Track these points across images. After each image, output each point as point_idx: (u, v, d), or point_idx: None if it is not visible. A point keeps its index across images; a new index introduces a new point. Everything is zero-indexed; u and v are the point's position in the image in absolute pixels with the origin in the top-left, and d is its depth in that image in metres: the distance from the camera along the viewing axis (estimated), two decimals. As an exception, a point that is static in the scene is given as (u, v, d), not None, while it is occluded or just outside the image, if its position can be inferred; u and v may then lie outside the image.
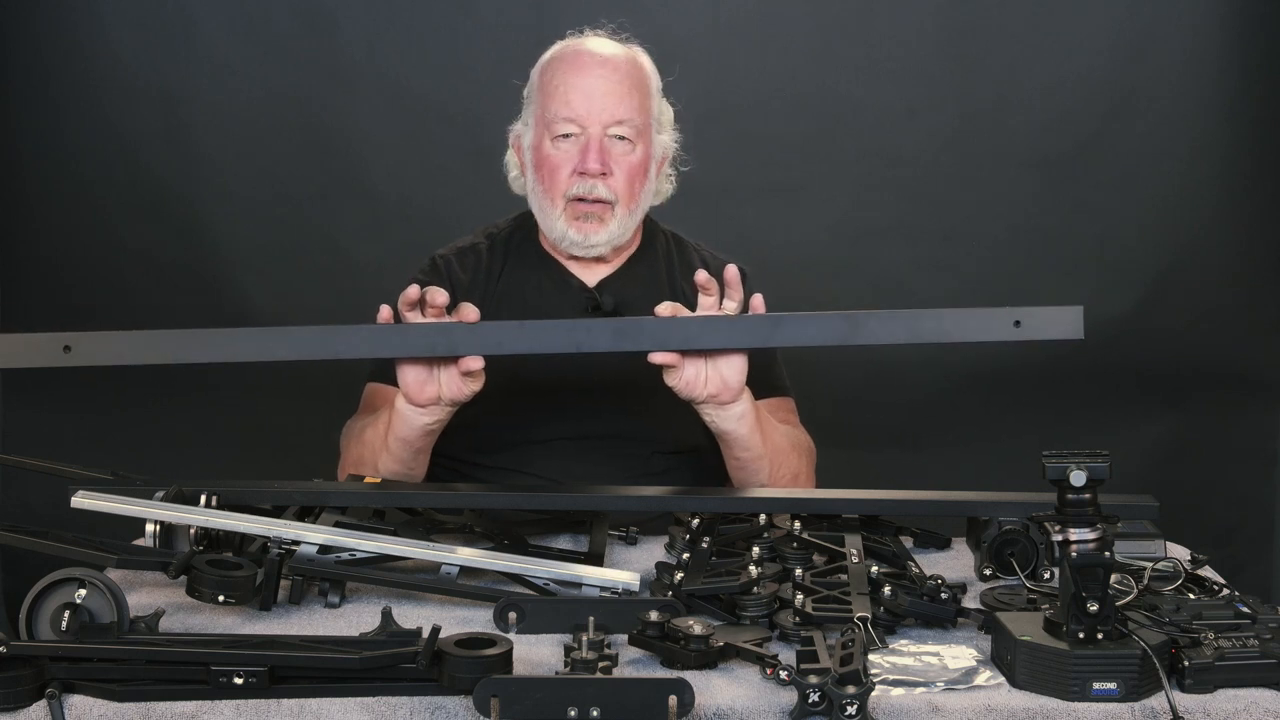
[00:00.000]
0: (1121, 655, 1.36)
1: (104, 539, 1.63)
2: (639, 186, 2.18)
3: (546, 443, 2.16)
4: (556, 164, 2.15)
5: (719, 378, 1.87)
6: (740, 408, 1.93)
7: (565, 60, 2.18)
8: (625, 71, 2.16)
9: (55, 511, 1.82)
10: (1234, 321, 3.41)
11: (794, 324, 1.83)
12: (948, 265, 3.41)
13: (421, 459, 2.01)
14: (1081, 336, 1.80)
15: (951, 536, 1.95)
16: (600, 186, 2.14)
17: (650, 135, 2.20)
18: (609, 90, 2.14)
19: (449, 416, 1.93)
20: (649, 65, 2.22)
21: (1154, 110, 3.36)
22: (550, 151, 2.15)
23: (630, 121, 2.15)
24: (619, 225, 2.18)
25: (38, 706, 1.33)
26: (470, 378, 1.84)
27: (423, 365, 1.84)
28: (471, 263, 2.26)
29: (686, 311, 1.86)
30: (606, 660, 1.37)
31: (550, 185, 2.16)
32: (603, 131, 2.13)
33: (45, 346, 1.80)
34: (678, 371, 1.86)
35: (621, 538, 1.95)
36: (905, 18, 3.36)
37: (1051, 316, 1.81)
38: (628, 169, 2.16)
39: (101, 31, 3.29)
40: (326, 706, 1.34)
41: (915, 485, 1.91)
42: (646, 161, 2.19)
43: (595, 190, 2.14)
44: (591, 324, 1.86)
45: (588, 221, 2.16)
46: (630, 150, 2.16)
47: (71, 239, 3.34)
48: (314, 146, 3.35)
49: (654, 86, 2.22)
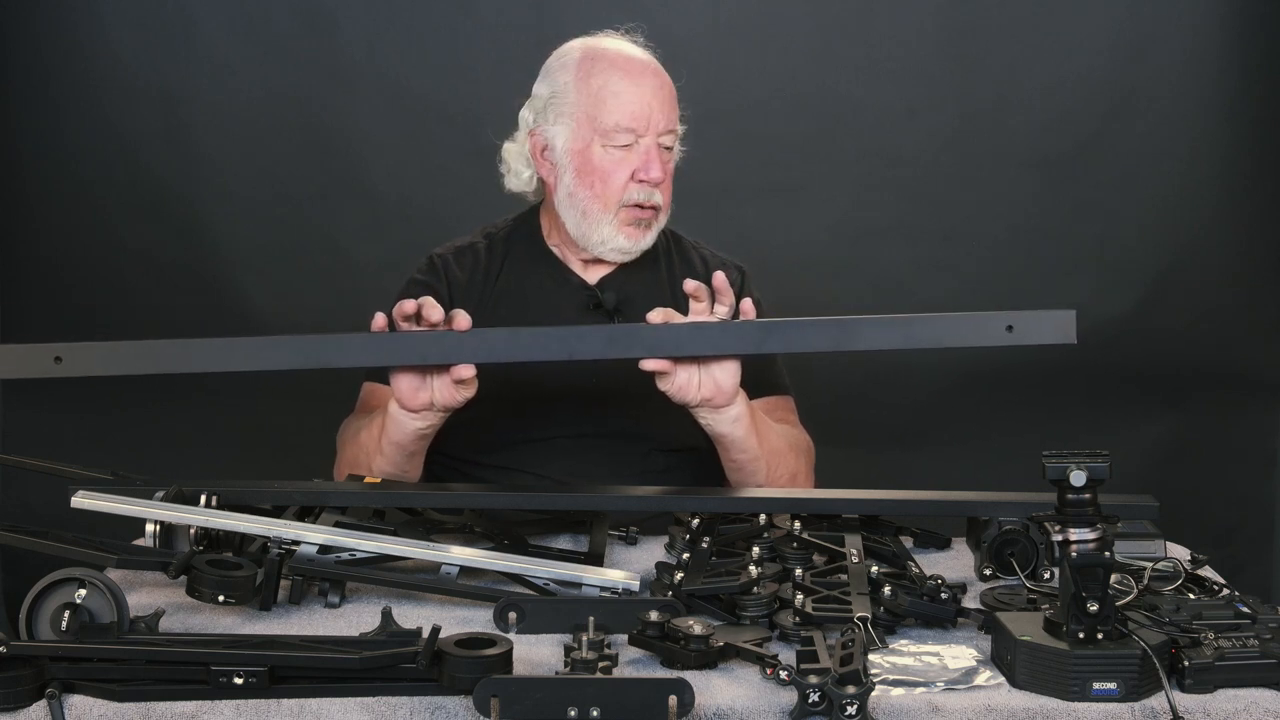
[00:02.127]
0: (1121, 655, 1.36)
1: (104, 539, 1.63)
2: (671, 190, 2.22)
3: (546, 442, 2.16)
4: (610, 170, 2.15)
5: (712, 382, 1.88)
6: (735, 411, 1.94)
7: (612, 64, 2.17)
8: (665, 78, 2.20)
9: (55, 511, 1.82)
10: (1234, 321, 3.41)
11: (786, 330, 1.83)
12: (948, 265, 3.41)
13: (415, 461, 2.01)
14: (1074, 341, 1.80)
15: (951, 536, 1.95)
16: (657, 194, 2.17)
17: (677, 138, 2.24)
18: (661, 97, 2.16)
19: (441, 421, 1.93)
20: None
21: (1154, 110, 3.36)
22: (601, 158, 2.15)
23: (674, 130, 2.19)
24: (657, 229, 2.21)
25: (38, 706, 1.33)
26: (463, 385, 1.84)
27: (415, 372, 1.84)
28: (469, 262, 2.26)
29: (679, 317, 1.86)
30: (606, 660, 1.37)
31: (603, 191, 2.16)
32: (655, 139, 2.15)
33: (35, 357, 1.79)
34: (670, 377, 1.86)
35: (621, 538, 1.95)
36: (905, 18, 3.36)
37: (1044, 321, 1.81)
38: (669, 176, 2.20)
39: (101, 31, 3.29)
40: (326, 706, 1.34)
41: (915, 485, 1.91)
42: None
43: (653, 197, 2.16)
44: (584, 331, 1.86)
45: (638, 228, 2.18)
46: (671, 157, 2.21)
47: (71, 239, 3.34)
48: (314, 146, 3.35)
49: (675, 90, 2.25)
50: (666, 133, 2.17)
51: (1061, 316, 1.80)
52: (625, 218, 2.16)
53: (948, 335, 1.84)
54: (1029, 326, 1.80)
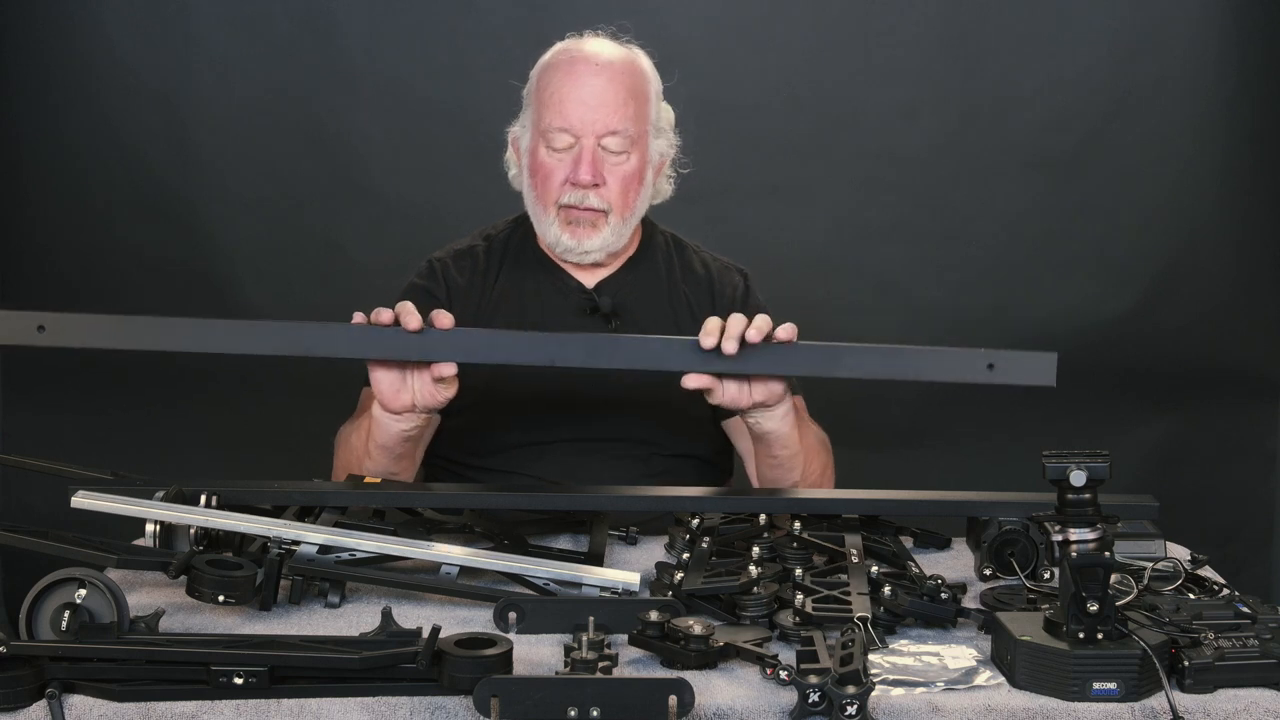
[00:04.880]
0: (1121, 655, 1.36)
1: (104, 539, 1.63)
2: (633, 194, 2.17)
3: (546, 445, 2.16)
4: (550, 171, 2.14)
5: (763, 385, 1.84)
6: (784, 406, 1.93)
7: (560, 66, 2.16)
8: (621, 78, 2.15)
9: (55, 511, 1.81)
10: (1234, 321, 3.42)
11: (764, 354, 1.82)
12: (948, 265, 3.41)
13: (404, 464, 2.01)
14: (1053, 384, 1.80)
15: (951, 536, 1.95)
16: (592, 197, 2.14)
17: (646, 141, 2.18)
18: (604, 99, 2.12)
19: (427, 423, 1.93)
20: (648, 69, 2.21)
21: (1154, 110, 3.36)
22: (544, 158, 2.15)
23: (623, 131, 2.13)
24: (612, 232, 2.17)
25: (38, 706, 1.33)
26: (443, 384, 1.82)
27: (395, 372, 1.82)
28: (468, 266, 2.26)
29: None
30: (606, 660, 1.37)
31: (543, 192, 2.16)
32: (596, 141, 2.12)
33: (19, 324, 1.77)
34: (718, 391, 1.83)
35: (621, 538, 1.95)
36: (905, 18, 3.36)
37: (1025, 362, 1.81)
38: (621, 178, 2.15)
39: (101, 31, 3.29)
40: (326, 706, 1.34)
41: (915, 485, 1.91)
42: (642, 168, 2.17)
43: (587, 200, 2.14)
44: (566, 339, 1.85)
45: (580, 227, 2.15)
46: (624, 160, 2.15)
47: (71, 239, 3.34)
48: (314, 146, 3.35)
49: (653, 90, 2.20)
50: (608, 135, 2.12)
51: (1043, 359, 1.80)
52: (563, 218, 2.16)
53: (930, 369, 1.85)
54: (1010, 366, 1.80)
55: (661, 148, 2.22)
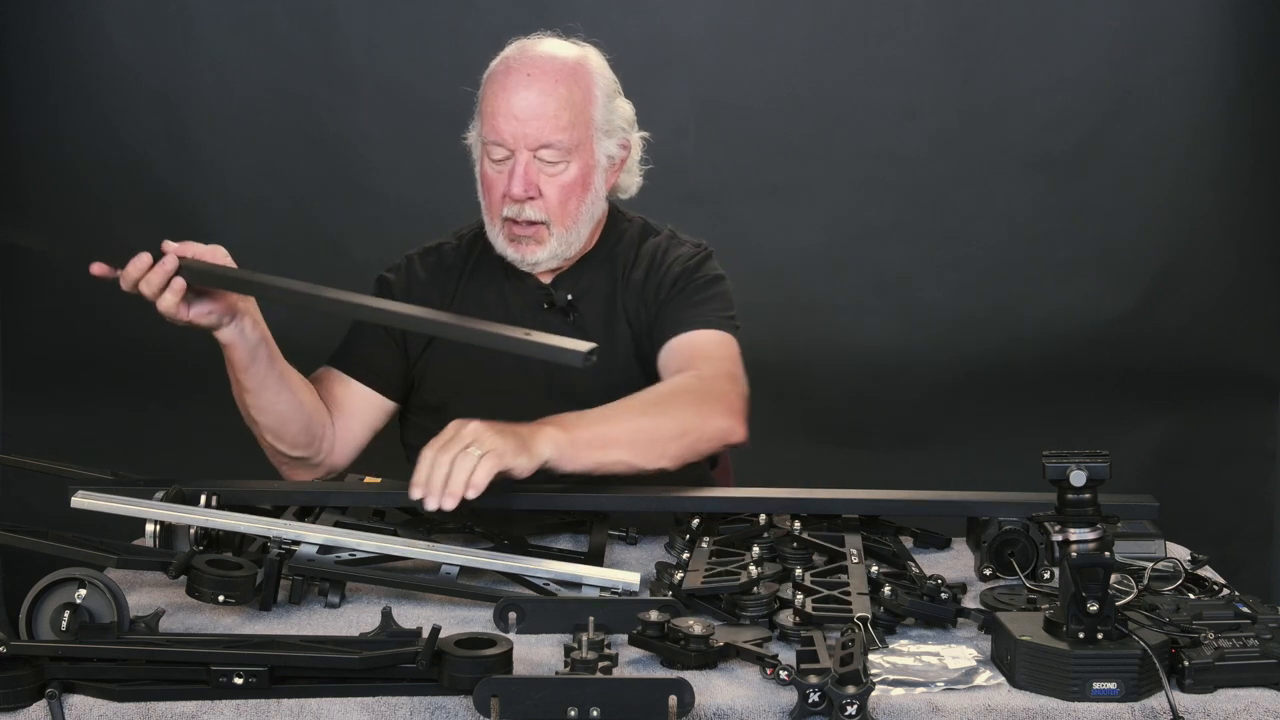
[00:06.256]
0: (1121, 655, 1.36)
1: (104, 539, 1.63)
2: (575, 202, 2.13)
3: None
4: (491, 183, 2.13)
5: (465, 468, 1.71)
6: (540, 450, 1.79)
7: (497, 77, 2.14)
8: (555, 87, 2.09)
9: (55, 511, 1.81)
10: (1234, 321, 3.41)
11: None
12: (948, 265, 3.41)
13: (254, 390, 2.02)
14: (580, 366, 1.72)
15: (951, 536, 1.95)
16: (529, 209, 2.10)
17: (591, 146, 2.13)
18: (536, 111, 2.07)
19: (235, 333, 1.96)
20: (596, 69, 2.15)
21: (1154, 110, 3.36)
22: (487, 170, 2.14)
23: (557, 143, 2.08)
24: (557, 243, 2.13)
25: (38, 706, 1.33)
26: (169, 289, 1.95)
27: None
28: (432, 261, 2.27)
29: None
30: (606, 660, 1.37)
31: (489, 204, 2.16)
32: (530, 154, 2.09)
33: None
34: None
35: (621, 538, 1.95)
36: (905, 18, 3.36)
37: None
38: (559, 188, 2.10)
39: (101, 31, 3.29)
40: (326, 706, 1.34)
41: (915, 485, 1.91)
42: (585, 174, 2.12)
43: (524, 213, 2.10)
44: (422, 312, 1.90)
45: (523, 243, 2.13)
46: (562, 169, 2.10)
47: (71, 239, 3.34)
48: (314, 146, 3.35)
49: (598, 92, 2.14)
50: (543, 147, 2.08)
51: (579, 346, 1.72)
52: (506, 232, 2.14)
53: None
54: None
55: (611, 148, 2.16)
